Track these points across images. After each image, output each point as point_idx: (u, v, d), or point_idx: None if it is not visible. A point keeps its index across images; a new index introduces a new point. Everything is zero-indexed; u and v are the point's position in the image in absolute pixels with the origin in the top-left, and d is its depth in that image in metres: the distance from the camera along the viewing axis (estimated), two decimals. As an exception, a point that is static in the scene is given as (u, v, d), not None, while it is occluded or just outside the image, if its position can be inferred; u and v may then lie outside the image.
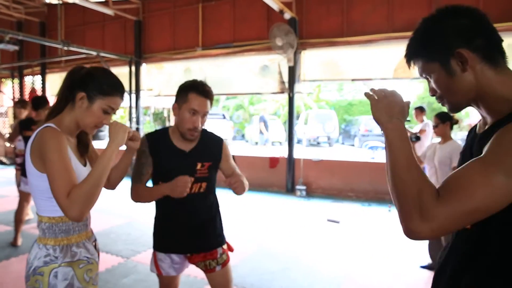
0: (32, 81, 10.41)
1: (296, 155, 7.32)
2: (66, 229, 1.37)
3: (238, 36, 7.64)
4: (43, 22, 10.02)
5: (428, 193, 0.80)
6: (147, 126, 21.64)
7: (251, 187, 1.91)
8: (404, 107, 0.96)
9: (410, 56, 0.98)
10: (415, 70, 1.00)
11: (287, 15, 6.68)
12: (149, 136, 1.86)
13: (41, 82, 10.13)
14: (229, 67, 7.96)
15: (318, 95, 22.15)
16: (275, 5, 6.32)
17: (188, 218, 1.84)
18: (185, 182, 1.66)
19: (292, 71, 7.08)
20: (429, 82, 0.97)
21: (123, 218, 5.15)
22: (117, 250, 3.95)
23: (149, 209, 5.35)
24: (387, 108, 0.94)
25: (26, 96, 10.04)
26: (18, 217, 4.11)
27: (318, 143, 17.14)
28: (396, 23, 6.27)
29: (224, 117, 18.29)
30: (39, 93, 9.82)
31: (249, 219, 5.27)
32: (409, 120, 0.99)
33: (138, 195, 1.81)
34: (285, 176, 7.27)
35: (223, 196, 2.01)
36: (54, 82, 10.38)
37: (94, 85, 1.36)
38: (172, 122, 24.39)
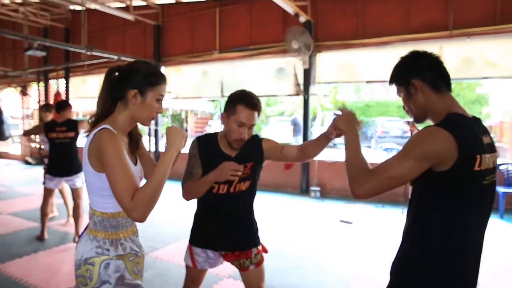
0: (57, 85, 10.81)
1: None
2: (116, 224, 1.44)
3: (254, 39, 7.78)
4: (68, 28, 10.41)
5: (364, 169, 1.27)
6: (165, 128, 22.03)
7: (266, 188, 2.09)
8: (356, 120, 1.49)
9: (390, 81, 1.42)
10: None
11: (302, 18, 6.77)
12: (199, 139, 1.95)
13: (65, 85, 10.53)
14: (245, 70, 8.10)
15: (335, 96, 22.06)
16: (290, 9, 6.42)
17: (228, 215, 1.93)
18: (232, 165, 1.74)
19: (308, 73, 7.16)
20: (402, 99, 1.41)
21: (142, 216, 5.34)
22: (144, 247, 4.12)
23: (164, 208, 5.54)
24: (347, 120, 1.48)
25: (51, 99, 10.44)
26: (43, 211, 4.33)
27: (335, 144, 17.07)
28: (411, 25, 6.27)
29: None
30: (63, 95, 10.19)
31: (263, 219, 5.34)
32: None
33: (188, 191, 1.89)
34: (300, 177, 7.35)
35: None
36: (77, 85, 10.77)
37: (141, 79, 1.41)
38: (190, 124, 24.77)
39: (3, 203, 6.20)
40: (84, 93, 10.68)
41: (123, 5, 8.69)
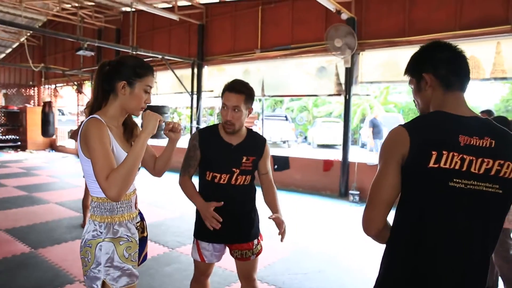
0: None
1: (351, 158, 7.11)
2: (111, 208, 1.54)
3: (295, 37, 7.65)
4: (119, 28, 10.97)
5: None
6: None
7: (304, 190, 2.14)
8: None
9: (406, 69, 1.33)
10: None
11: (345, 15, 6.52)
12: (201, 130, 2.08)
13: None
14: (286, 68, 7.99)
15: (386, 97, 21.16)
16: (331, 6, 6.22)
17: (232, 208, 1.97)
18: (212, 218, 1.88)
19: (350, 72, 6.90)
20: (412, 90, 1.33)
21: (176, 212, 5.46)
22: (165, 241, 4.21)
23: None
24: None
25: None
26: (84, 203, 4.55)
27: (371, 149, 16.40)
28: (464, 20, 5.80)
29: (287, 119, 18.33)
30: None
31: (295, 221, 5.25)
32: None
33: (183, 186, 2.05)
34: (339, 180, 7.10)
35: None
36: (127, 84, 11.30)
37: (129, 71, 1.51)
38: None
39: (53, 193, 6.65)
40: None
41: (169, 5, 8.97)
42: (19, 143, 14.04)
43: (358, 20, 6.74)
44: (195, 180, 2.04)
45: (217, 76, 9.19)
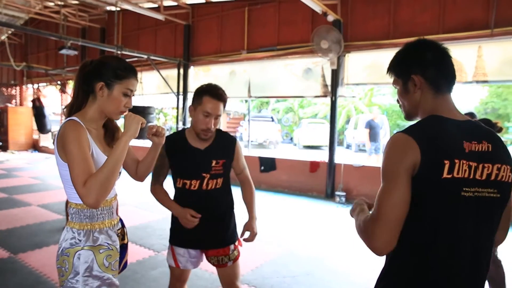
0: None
1: (337, 160, 7.16)
2: (90, 215, 1.47)
3: (282, 39, 7.67)
4: (104, 28, 10.80)
5: (367, 221, 1.11)
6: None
7: (290, 191, 2.10)
8: (361, 205, 1.30)
9: (389, 68, 1.26)
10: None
11: (331, 17, 6.56)
12: (167, 138, 1.94)
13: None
14: (272, 70, 7.99)
15: (371, 99, 21.42)
16: (318, 7, 6.25)
17: (205, 213, 1.92)
18: (189, 220, 1.85)
19: (336, 74, 6.94)
20: (397, 91, 1.26)
21: (161, 214, 5.39)
22: (150, 244, 4.15)
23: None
24: (359, 211, 1.27)
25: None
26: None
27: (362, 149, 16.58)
28: (447, 24, 5.91)
29: (273, 120, 18.37)
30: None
31: (282, 222, 5.26)
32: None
33: (155, 193, 2.00)
34: (325, 181, 7.14)
35: (262, 197, 2.04)
36: (111, 84, 11.14)
37: (109, 72, 1.43)
38: (222, 124, 24.97)
39: (35, 195, 6.49)
40: (118, 91, 11.01)
41: (155, 5, 8.87)
42: (0, 143, 13.67)
43: (344, 22, 6.79)
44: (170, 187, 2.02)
45: (203, 77, 9.13)
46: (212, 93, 1.84)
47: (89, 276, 1.43)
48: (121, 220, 1.68)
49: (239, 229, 2.05)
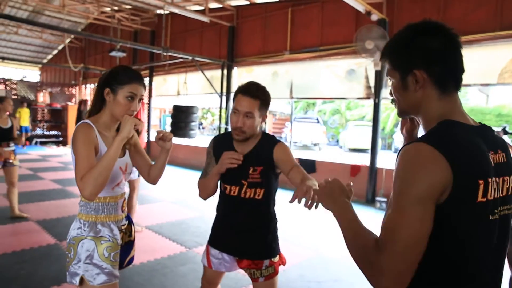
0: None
1: (379, 164, 6.89)
2: (96, 208, 1.60)
3: (325, 39, 7.53)
4: (153, 30, 11.30)
5: (368, 246, 0.89)
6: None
7: None
8: (342, 189, 1.10)
9: (383, 54, 1.06)
10: None
11: (375, 17, 6.33)
12: (215, 138, 1.98)
13: (149, 83, 11.44)
14: (315, 71, 7.88)
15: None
16: (361, 7, 6.06)
17: (239, 222, 1.87)
18: (231, 155, 1.74)
19: (379, 75, 6.68)
20: (391, 83, 1.06)
21: (197, 212, 5.52)
22: (183, 240, 4.26)
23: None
24: (329, 194, 1.10)
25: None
26: (128, 203, 4.28)
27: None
28: (506, 19, 5.44)
29: (318, 122, 18.11)
30: (145, 93, 11.09)
31: (317, 226, 5.15)
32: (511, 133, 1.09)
33: (200, 188, 1.93)
34: (366, 186, 6.90)
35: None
36: (159, 84, 11.63)
37: (113, 79, 1.57)
38: (268, 125, 25.05)
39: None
40: (165, 91, 11.49)
41: (201, 8, 9.12)
42: (60, 138, 14.85)
43: (390, 21, 6.51)
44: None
45: (246, 78, 9.22)
46: (243, 90, 1.75)
47: (89, 264, 1.54)
48: (128, 217, 1.78)
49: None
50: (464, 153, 0.87)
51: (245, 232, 1.86)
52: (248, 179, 1.79)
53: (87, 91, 15.77)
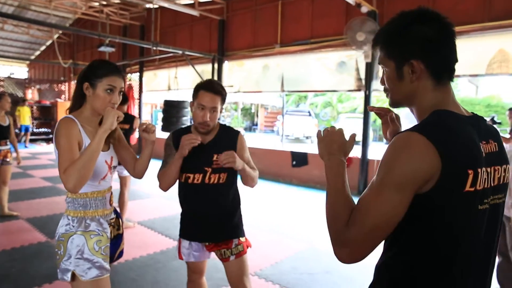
0: (129, 78, 11.71)
1: (370, 156, 6.93)
2: (84, 203, 1.60)
3: (315, 32, 7.52)
4: (143, 25, 11.17)
5: (342, 220, 0.91)
6: (236, 121, 22.61)
7: (322, 186, 2.00)
8: (343, 144, 1.07)
9: (376, 42, 1.02)
10: None
11: (365, 9, 6.33)
12: (174, 132, 2.07)
13: (139, 78, 11.34)
14: (306, 63, 7.87)
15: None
16: (351, -1, 6.05)
17: (205, 208, 1.94)
18: (189, 137, 1.81)
19: (370, 67, 6.71)
20: (383, 72, 1.03)
21: (190, 206, 5.52)
22: (175, 235, 4.22)
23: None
24: (327, 146, 1.07)
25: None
26: (120, 200, 4.32)
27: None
28: (494, 10, 5.48)
29: (310, 114, 18.15)
30: (135, 88, 11.01)
31: (309, 218, 5.19)
32: (500, 123, 1.04)
33: (161, 178, 1.94)
34: (358, 177, 6.94)
35: (292, 192, 1.87)
36: (149, 79, 11.52)
37: (91, 73, 1.58)
38: (260, 118, 25.02)
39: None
40: (155, 86, 11.39)
41: (190, 1, 9.03)
42: (50, 135, 14.67)
43: (380, 13, 6.52)
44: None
45: (237, 71, 9.19)
46: (206, 87, 1.89)
47: (80, 259, 1.54)
48: (116, 211, 1.79)
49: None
50: (455, 143, 0.87)
51: (212, 217, 1.95)
52: (212, 165, 1.91)
53: (77, 87, 15.59)
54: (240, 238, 2.02)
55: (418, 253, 0.91)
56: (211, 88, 1.89)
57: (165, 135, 9.66)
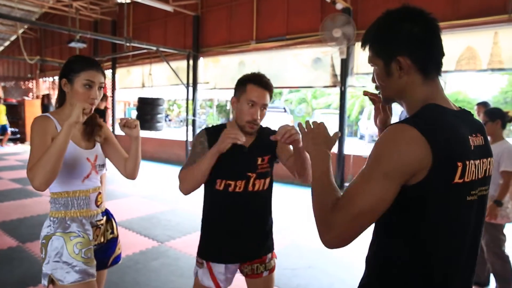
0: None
1: (346, 151, 7.06)
2: (65, 203, 1.54)
3: (291, 28, 7.55)
4: (115, 20, 10.86)
5: (328, 204, 0.93)
6: (211, 118, 22.46)
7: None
8: (327, 138, 1.13)
9: (365, 41, 1.04)
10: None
11: (340, 5, 6.41)
12: (208, 129, 1.78)
13: (112, 75, 11.03)
14: (281, 60, 7.89)
15: (386, 89, 20.99)
16: (326, -5, 6.10)
17: (251, 219, 1.71)
18: (234, 131, 1.56)
19: (345, 64, 6.80)
20: (374, 71, 1.05)
21: (168, 205, 5.44)
22: (154, 235, 4.19)
23: (192, 198, 5.66)
24: (313, 139, 1.12)
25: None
26: None
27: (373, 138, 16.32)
28: (462, 9, 5.68)
29: (285, 111, 18.25)
30: (108, 86, 10.70)
31: (288, 214, 5.23)
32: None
33: (186, 177, 1.63)
34: (335, 172, 7.04)
35: None
36: (122, 76, 11.23)
37: (68, 69, 1.54)
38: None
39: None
40: (129, 83, 11.12)
41: (163, -4, 8.84)
42: (18, 135, 14.04)
43: (354, 10, 6.62)
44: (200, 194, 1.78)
45: (212, 68, 9.10)
46: (257, 81, 1.66)
47: (58, 262, 1.47)
48: (108, 212, 1.71)
49: (276, 235, 1.84)
50: (445, 135, 0.88)
51: (256, 230, 1.73)
52: (257, 170, 1.69)
53: (46, 85, 14.97)
54: (273, 252, 1.81)
55: (407, 244, 0.93)
56: (262, 83, 1.65)
57: (145, 133, 9.46)
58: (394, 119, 1.24)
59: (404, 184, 0.88)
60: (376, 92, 1.15)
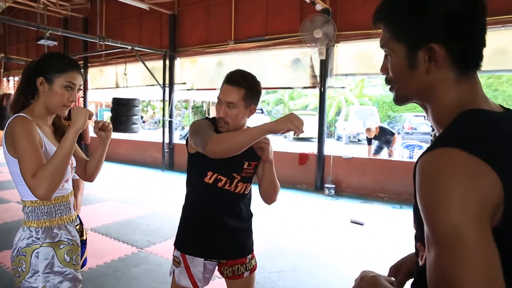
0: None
1: (326, 151, 7.08)
2: (48, 211, 1.45)
3: (270, 29, 7.50)
4: (86, 18, 10.46)
5: None
6: (186, 120, 22.14)
7: (280, 184, 1.82)
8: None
9: (380, 18, 0.78)
10: None
11: (319, 6, 6.43)
12: (208, 118, 1.70)
13: (83, 75, 10.62)
14: (260, 60, 7.83)
15: (362, 90, 21.40)
16: (306, -4, 6.10)
17: (232, 220, 1.68)
18: (301, 122, 1.45)
19: (324, 64, 6.82)
20: (385, 57, 0.80)
21: (146, 209, 5.24)
22: (133, 240, 4.00)
23: (171, 201, 5.45)
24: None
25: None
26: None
27: (359, 140, 16.58)
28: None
29: (262, 112, 18.26)
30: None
31: (271, 216, 5.15)
32: None
33: (227, 139, 1.47)
34: (314, 174, 7.06)
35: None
36: (95, 75, 10.84)
37: (48, 67, 1.43)
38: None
39: (13, 192, 6.24)
40: (102, 83, 10.75)
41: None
42: (-19, 138, 13.28)
43: (333, 11, 6.65)
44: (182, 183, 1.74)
45: (189, 68, 8.93)
46: (227, 78, 1.60)
47: (50, 273, 1.41)
48: (78, 216, 1.65)
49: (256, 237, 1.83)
50: (508, 154, 0.63)
51: (235, 228, 1.69)
52: (242, 173, 1.65)
53: (10, 84, 14.24)
54: (253, 252, 1.80)
55: None
56: (230, 80, 1.58)
57: (120, 135, 9.07)
58: (370, 123, 1.00)
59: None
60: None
